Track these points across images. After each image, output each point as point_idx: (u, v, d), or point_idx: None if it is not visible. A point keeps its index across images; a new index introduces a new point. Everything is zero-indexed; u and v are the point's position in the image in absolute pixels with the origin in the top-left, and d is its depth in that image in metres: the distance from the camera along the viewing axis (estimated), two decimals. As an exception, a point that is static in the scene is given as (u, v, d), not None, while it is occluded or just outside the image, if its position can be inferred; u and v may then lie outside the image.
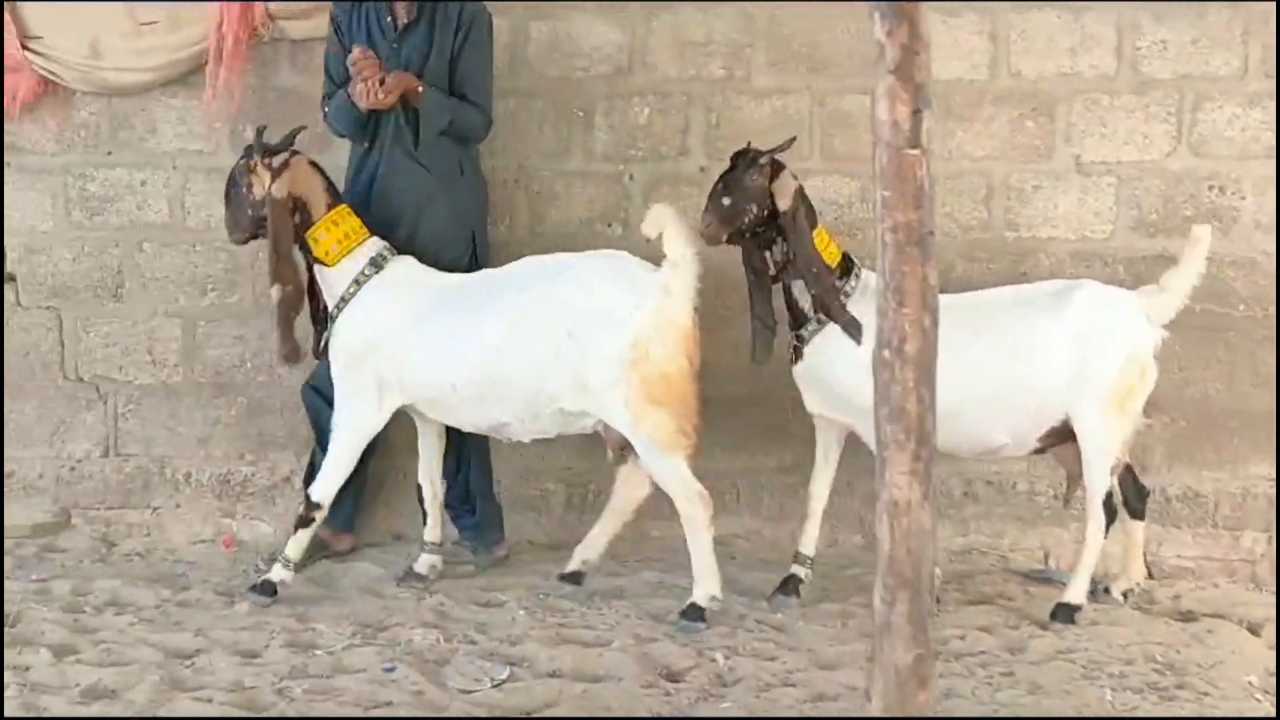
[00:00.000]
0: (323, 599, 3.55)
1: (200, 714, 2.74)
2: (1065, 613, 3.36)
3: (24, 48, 3.94)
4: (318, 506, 3.47)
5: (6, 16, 3.92)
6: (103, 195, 4.09)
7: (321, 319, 3.54)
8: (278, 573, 3.47)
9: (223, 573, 3.76)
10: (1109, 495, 3.38)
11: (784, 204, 3.30)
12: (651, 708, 2.80)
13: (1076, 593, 3.38)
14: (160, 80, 4.00)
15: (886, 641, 1.81)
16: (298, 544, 3.49)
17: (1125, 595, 3.56)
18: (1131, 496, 3.54)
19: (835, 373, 3.31)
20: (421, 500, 3.68)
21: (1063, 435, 3.38)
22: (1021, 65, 3.97)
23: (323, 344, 3.52)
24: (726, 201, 3.32)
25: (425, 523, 3.67)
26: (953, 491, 4.09)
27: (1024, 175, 4.00)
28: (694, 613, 3.29)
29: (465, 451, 3.81)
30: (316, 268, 3.50)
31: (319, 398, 3.71)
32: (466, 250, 3.71)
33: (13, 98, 3.98)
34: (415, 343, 3.40)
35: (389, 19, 3.65)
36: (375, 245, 3.48)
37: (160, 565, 3.87)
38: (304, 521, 3.48)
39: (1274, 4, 3.82)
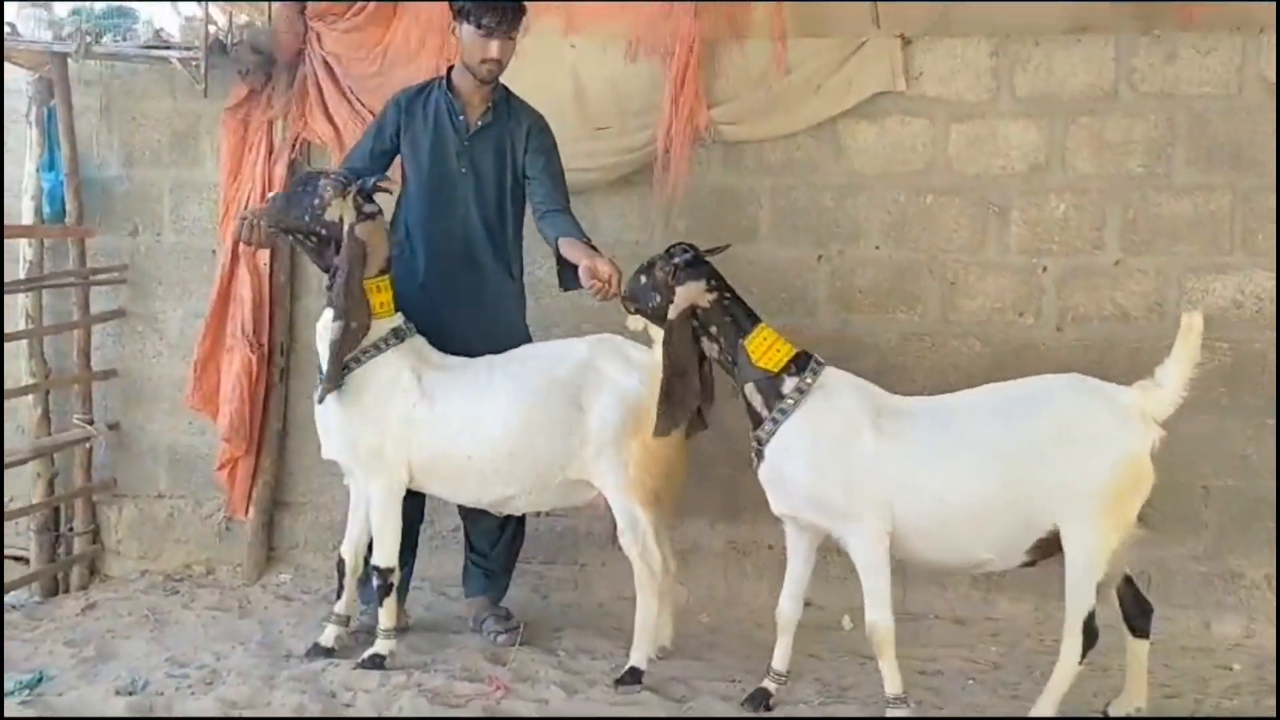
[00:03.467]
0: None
1: None
2: None
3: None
4: (390, 571, 3.61)
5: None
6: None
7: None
8: (381, 645, 3.60)
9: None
10: (1091, 615, 3.06)
11: (671, 312, 3.25)
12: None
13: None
14: (605, 179, 4.42)
15: None
16: (387, 612, 3.62)
17: None
18: (1133, 613, 3.24)
19: (793, 470, 3.18)
20: (341, 572, 3.73)
21: (1055, 547, 3.10)
22: None
23: (321, 397, 3.53)
24: (640, 280, 3.36)
25: (339, 596, 3.74)
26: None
27: None
28: (632, 676, 3.49)
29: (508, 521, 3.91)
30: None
31: None
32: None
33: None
34: (425, 416, 3.52)
35: (461, 118, 3.78)
36: (400, 318, 3.61)
37: (591, 618, 4.20)
38: (385, 590, 3.61)
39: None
